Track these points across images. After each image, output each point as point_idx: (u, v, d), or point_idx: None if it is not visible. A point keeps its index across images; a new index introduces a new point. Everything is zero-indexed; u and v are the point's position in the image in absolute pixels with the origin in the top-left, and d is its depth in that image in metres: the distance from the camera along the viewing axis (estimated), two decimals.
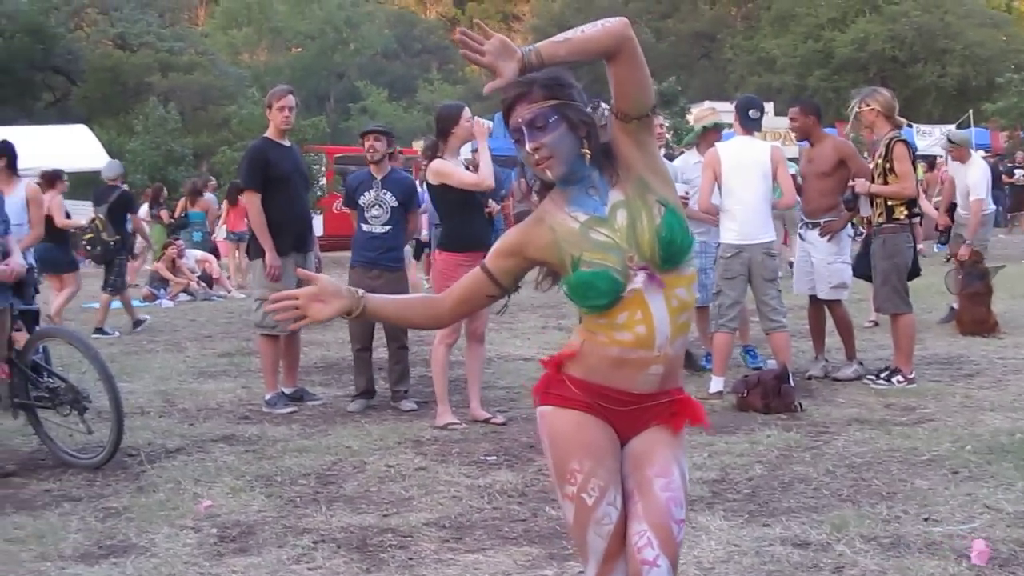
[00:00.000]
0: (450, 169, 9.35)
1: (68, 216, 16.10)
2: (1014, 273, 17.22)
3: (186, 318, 17.64)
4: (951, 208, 15.22)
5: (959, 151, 14.47)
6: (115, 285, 16.33)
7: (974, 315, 13.27)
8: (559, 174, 3.70)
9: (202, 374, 12.11)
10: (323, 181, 32.51)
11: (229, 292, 21.76)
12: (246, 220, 18.14)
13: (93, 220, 16.43)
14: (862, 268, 11.38)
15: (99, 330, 15.82)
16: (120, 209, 16.51)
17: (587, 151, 3.69)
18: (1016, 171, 34.30)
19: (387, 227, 10.13)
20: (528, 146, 3.66)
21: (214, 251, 23.82)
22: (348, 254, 10.60)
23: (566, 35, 3.57)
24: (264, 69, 66.98)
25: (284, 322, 9.48)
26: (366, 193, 10.20)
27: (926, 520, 6.33)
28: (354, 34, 73.94)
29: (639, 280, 3.62)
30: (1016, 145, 41.28)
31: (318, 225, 28.74)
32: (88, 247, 16.41)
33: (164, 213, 24.38)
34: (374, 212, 10.13)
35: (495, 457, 8.13)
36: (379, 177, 10.22)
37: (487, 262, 3.86)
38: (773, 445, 8.18)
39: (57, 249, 15.71)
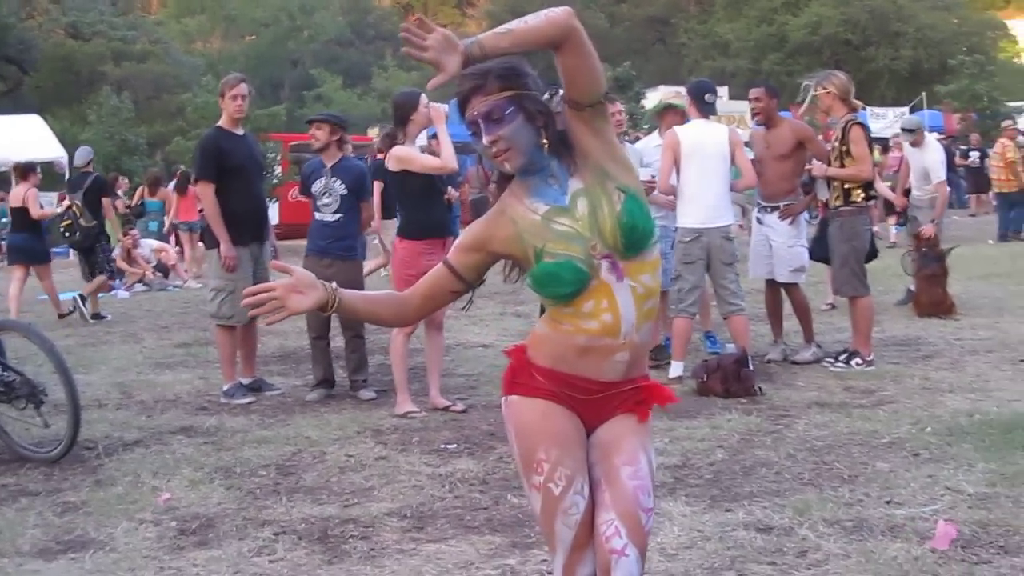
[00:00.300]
0: (412, 155, 9.31)
1: (42, 207, 16.46)
2: (969, 255, 17.33)
3: (142, 308, 17.53)
4: (907, 192, 15.25)
5: (915, 137, 14.49)
6: (110, 269, 17.05)
7: (931, 296, 13.32)
8: (518, 166, 3.66)
9: (159, 365, 12.03)
10: (278, 170, 32.32)
11: (185, 282, 21.65)
12: (199, 210, 18.28)
13: (70, 207, 16.57)
14: (819, 251, 11.40)
15: (96, 315, 16.26)
16: (95, 194, 16.73)
17: (545, 141, 3.65)
18: (971, 153, 34.42)
19: (338, 215, 10.07)
20: (485, 139, 3.62)
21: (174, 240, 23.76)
22: (305, 243, 10.53)
23: (509, 26, 3.51)
24: (218, 57, 66.70)
25: (240, 312, 9.53)
26: (317, 181, 10.15)
27: (888, 503, 6.34)
28: (308, 21, 73.70)
29: (604, 269, 3.60)
30: (969, 127, 41.44)
31: (273, 213, 28.74)
32: (67, 234, 16.61)
33: (119, 203, 24.20)
34: (325, 200, 10.08)
35: (456, 445, 8.09)
36: (329, 165, 10.16)
37: (450, 258, 3.82)
38: (734, 429, 8.18)
39: (33, 239, 16.32)
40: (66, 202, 17.26)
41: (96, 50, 54.66)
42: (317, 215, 10.17)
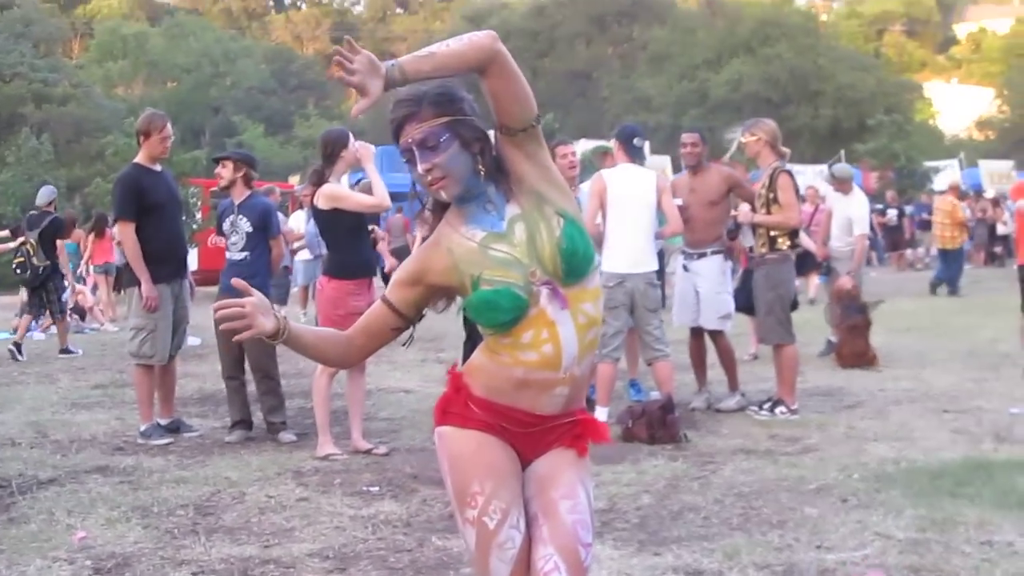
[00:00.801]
0: (344, 192, 9.20)
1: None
2: (889, 310, 17.40)
3: (57, 349, 17.20)
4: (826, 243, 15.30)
5: (843, 184, 14.57)
6: (60, 308, 17.33)
7: (854, 348, 13.36)
8: (454, 194, 3.58)
9: (75, 405, 11.78)
10: (199, 215, 32.05)
11: (102, 325, 21.34)
12: (116, 251, 18.18)
13: (23, 244, 16.78)
14: (741, 301, 11.40)
15: (64, 350, 16.64)
16: (51, 235, 16.90)
17: (482, 167, 3.57)
18: (888, 211, 34.85)
19: (244, 253, 9.96)
20: (420, 167, 3.53)
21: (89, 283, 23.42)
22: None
23: (431, 49, 3.45)
24: (140, 102, 66.03)
25: (161, 351, 9.38)
26: (227, 219, 10.06)
27: (818, 547, 6.29)
28: (231, 68, 73.54)
29: (543, 296, 3.52)
30: (887, 185, 42.04)
31: (193, 259, 28.46)
32: (18, 271, 16.79)
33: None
34: (233, 239, 9.99)
35: (378, 488, 7.96)
36: (237, 203, 10.06)
37: (388, 294, 3.73)
38: (660, 475, 8.11)
39: None
40: (21, 239, 17.34)
41: (16, 92, 54.05)
42: (227, 254, 10.10)
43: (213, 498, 7.74)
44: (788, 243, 10.35)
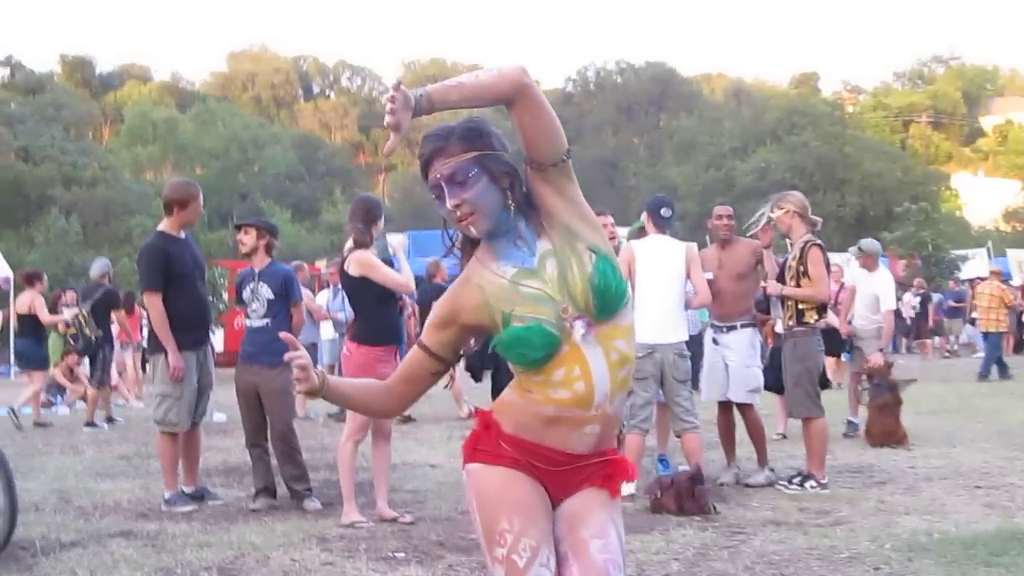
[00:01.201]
0: (376, 262, 9.21)
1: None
2: (918, 392, 17.29)
3: (83, 423, 17.16)
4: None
5: (868, 259, 14.55)
6: (100, 380, 17.48)
7: (883, 427, 13.23)
8: (484, 229, 3.56)
9: (99, 475, 11.73)
10: (225, 296, 32.11)
11: (127, 401, 21.33)
12: (143, 325, 18.53)
13: (76, 316, 17.37)
14: (770, 380, 11.33)
15: (90, 424, 16.90)
16: (104, 306, 17.42)
17: (511, 202, 3.55)
18: (905, 297, 34.74)
19: (265, 320, 9.97)
20: (449, 203, 3.52)
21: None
22: None
23: (460, 79, 3.45)
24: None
25: (185, 419, 9.36)
26: (247, 287, 10.07)
27: None
28: (259, 155, 74.06)
29: (578, 332, 3.48)
30: (914, 273, 41.91)
31: (219, 341, 28.44)
32: (72, 341, 17.56)
33: (61, 322, 23.92)
34: (253, 306, 10.00)
35: (404, 554, 7.86)
36: (257, 270, 10.08)
37: (423, 339, 3.72)
38: (689, 544, 8.00)
39: (34, 345, 17.81)
40: (74, 310, 17.98)
41: (46, 174, 54.70)
42: (247, 321, 10.12)
43: (237, 561, 7.67)
44: (816, 316, 10.29)
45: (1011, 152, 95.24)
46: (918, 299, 34.63)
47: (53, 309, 24.43)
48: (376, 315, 9.22)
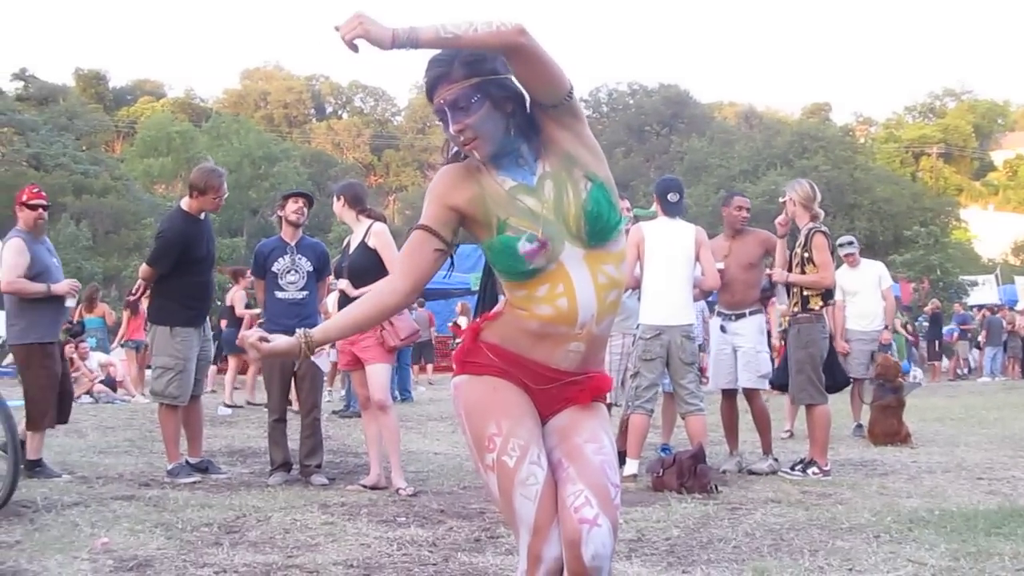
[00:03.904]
0: (392, 243, 9.49)
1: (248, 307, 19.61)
2: (922, 404, 17.32)
3: (88, 414, 17.14)
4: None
5: (851, 257, 14.72)
6: None
7: (885, 427, 13.22)
8: (486, 153, 3.60)
9: (103, 452, 11.75)
10: None
11: (133, 396, 21.33)
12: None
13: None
14: (779, 378, 11.33)
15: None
16: None
17: (512, 129, 3.60)
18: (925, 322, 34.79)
19: (304, 292, 10.00)
20: (452, 128, 3.56)
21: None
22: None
23: (456, 31, 3.33)
24: (179, 198, 66.84)
25: (184, 392, 9.41)
26: (280, 259, 10.04)
27: (850, 571, 6.18)
28: (270, 171, 74.08)
29: (564, 252, 3.53)
30: (923, 296, 41.93)
31: None
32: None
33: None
34: (290, 278, 9.98)
35: (405, 518, 7.87)
36: (292, 243, 10.09)
37: (422, 221, 3.70)
38: (690, 515, 8.00)
39: (236, 334, 18.37)
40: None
41: (57, 181, 54.66)
42: (279, 294, 10.03)
43: (238, 520, 7.67)
44: (821, 303, 10.31)
45: (1021, 187, 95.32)
46: (927, 323, 34.64)
47: (91, 303, 24.87)
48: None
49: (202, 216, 10.19)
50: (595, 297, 3.56)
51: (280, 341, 3.65)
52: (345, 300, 9.45)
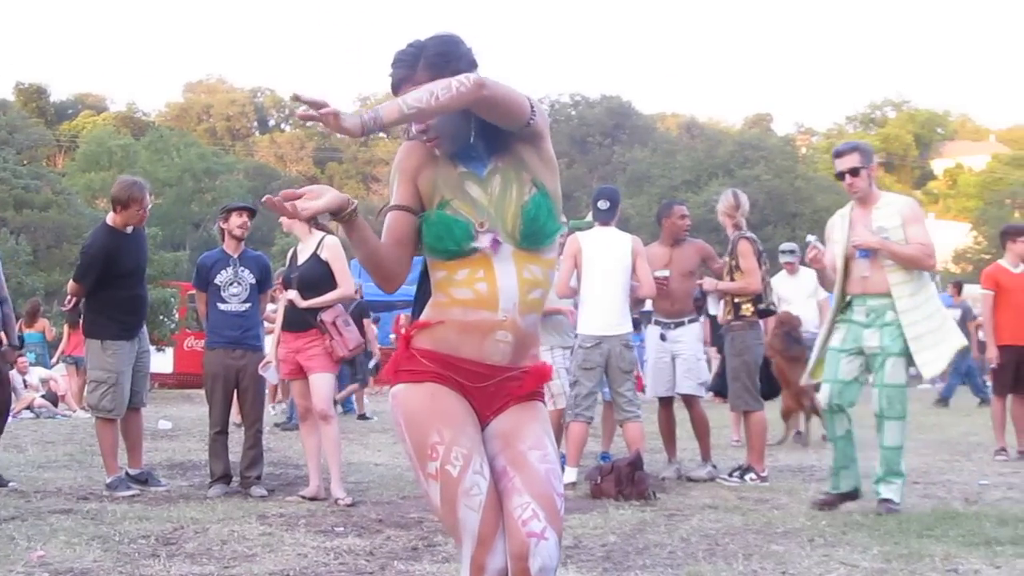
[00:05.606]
0: (343, 258, 9.74)
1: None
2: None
3: (28, 429, 17.03)
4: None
5: (791, 265, 14.86)
6: (363, 379, 19.84)
7: (798, 377, 12.70)
8: (447, 151, 3.67)
9: (42, 467, 11.65)
10: (176, 316, 31.92)
11: (74, 411, 21.20)
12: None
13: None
14: (721, 386, 11.42)
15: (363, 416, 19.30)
16: (357, 316, 17.54)
17: (473, 130, 3.64)
18: None
19: (247, 304, 10.01)
20: (414, 128, 3.61)
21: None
22: (198, 391, 10.37)
23: (418, 104, 3.37)
24: None
25: (120, 405, 9.39)
26: (223, 271, 10.04)
27: (783, 574, 6.26)
28: (212, 184, 73.79)
29: (485, 242, 3.56)
30: None
31: (167, 361, 28.30)
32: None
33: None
34: (233, 290, 9.99)
35: (343, 528, 7.89)
36: (235, 255, 10.09)
37: (395, 201, 3.70)
38: (627, 521, 8.07)
39: None
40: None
41: None
42: (222, 306, 10.02)
43: (176, 532, 7.66)
44: (752, 309, 10.43)
45: (961, 195, 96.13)
46: None
47: (32, 317, 24.61)
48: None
49: (129, 230, 10.13)
50: (517, 287, 3.58)
51: (328, 197, 3.44)
52: (293, 311, 9.50)
